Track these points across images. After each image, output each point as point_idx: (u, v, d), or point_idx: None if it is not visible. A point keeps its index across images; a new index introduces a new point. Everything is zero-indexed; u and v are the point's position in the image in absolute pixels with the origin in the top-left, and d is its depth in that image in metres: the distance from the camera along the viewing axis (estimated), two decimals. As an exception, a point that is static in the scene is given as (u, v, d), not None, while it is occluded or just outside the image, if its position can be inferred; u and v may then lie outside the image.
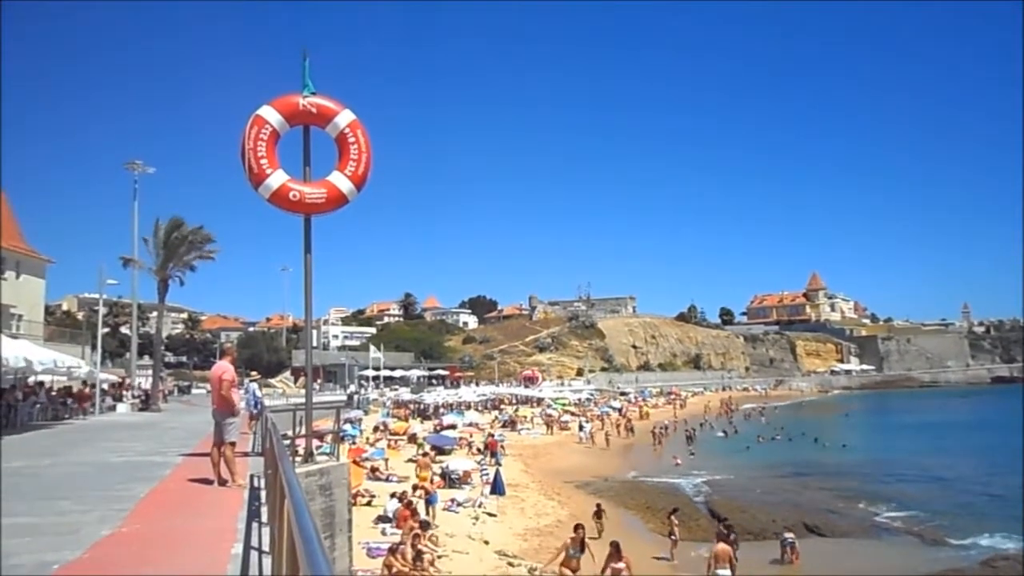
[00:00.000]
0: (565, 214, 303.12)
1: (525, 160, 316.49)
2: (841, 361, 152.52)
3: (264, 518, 7.17)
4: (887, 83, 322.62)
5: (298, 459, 10.61)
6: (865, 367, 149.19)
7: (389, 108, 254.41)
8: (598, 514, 21.82)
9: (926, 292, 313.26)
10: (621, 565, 15.42)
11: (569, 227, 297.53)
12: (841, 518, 25.40)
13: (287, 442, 11.03)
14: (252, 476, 10.28)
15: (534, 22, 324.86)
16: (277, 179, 10.54)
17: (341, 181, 10.85)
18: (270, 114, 10.53)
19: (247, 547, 6.11)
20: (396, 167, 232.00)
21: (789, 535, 20.00)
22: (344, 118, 10.89)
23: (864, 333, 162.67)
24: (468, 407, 59.26)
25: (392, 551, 14.53)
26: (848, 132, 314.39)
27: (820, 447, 47.78)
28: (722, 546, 16.97)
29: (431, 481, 25.18)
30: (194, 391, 55.87)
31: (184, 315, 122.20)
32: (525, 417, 57.72)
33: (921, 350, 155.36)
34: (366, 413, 50.81)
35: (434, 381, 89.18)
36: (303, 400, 12.34)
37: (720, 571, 16.41)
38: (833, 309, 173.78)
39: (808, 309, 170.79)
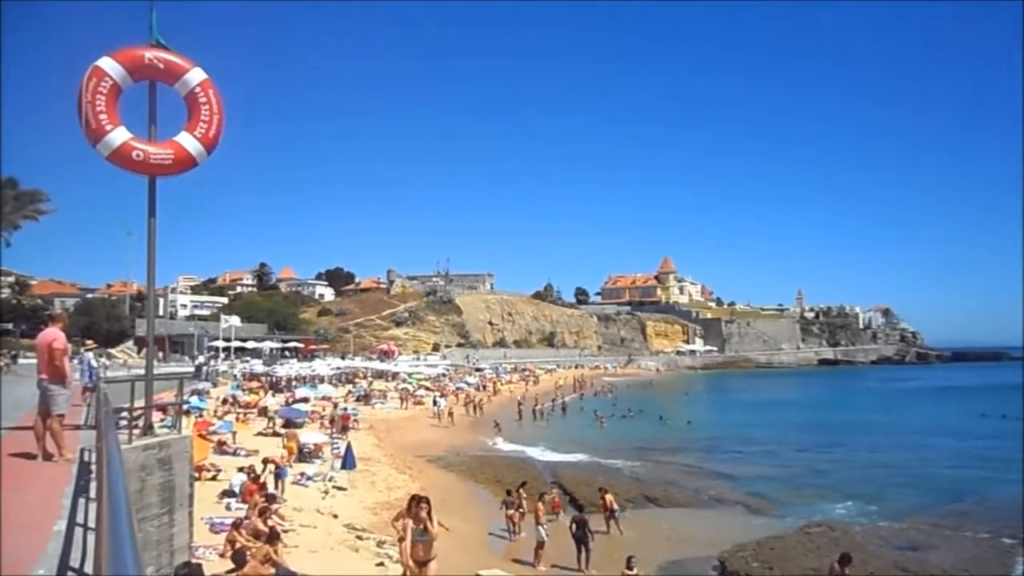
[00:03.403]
0: (425, 189, 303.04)
1: (385, 134, 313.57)
2: (687, 342, 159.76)
3: (93, 494, 6.81)
4: (741, 76, 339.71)
5: (136, 432, 10.09)
6: (709, 348, 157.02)
7: (245, 74, 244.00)
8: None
9: (766, 278, 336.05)
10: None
11: (429, 202, 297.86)
12: (679, 490, 26.84)
13: (124, 414, 10.47)
14: (83, 450, 9.73)
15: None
16: (119, 136, 9.84)
17: (189, 142, 10.25)
18: (110, 66, 9.77)
19: (71, 524, 5.79)
20: (253, 133, 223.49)
21: (617, 508, 20.88)
22: (195, 76, 10.26)
23: (709, 316, 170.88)
24: (322, 380, 58.29)
25: (236, 526, 14.17)
26: (699, 122, 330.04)
27: (664, 424, 50.12)
28: (541, 505, 17.83)
29: (286, 455, 24.72)
30: (21, 360, 51.76)
31: (11, 278, 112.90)
32: (380, 391, 57.41)
33: (759, 333, 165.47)
34: (215, 385, 49.11)
35: (287, 353, 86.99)
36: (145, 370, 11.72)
37: (540, 528, 17.40)
38: (682, 292, 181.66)
39: (659, 291, 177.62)
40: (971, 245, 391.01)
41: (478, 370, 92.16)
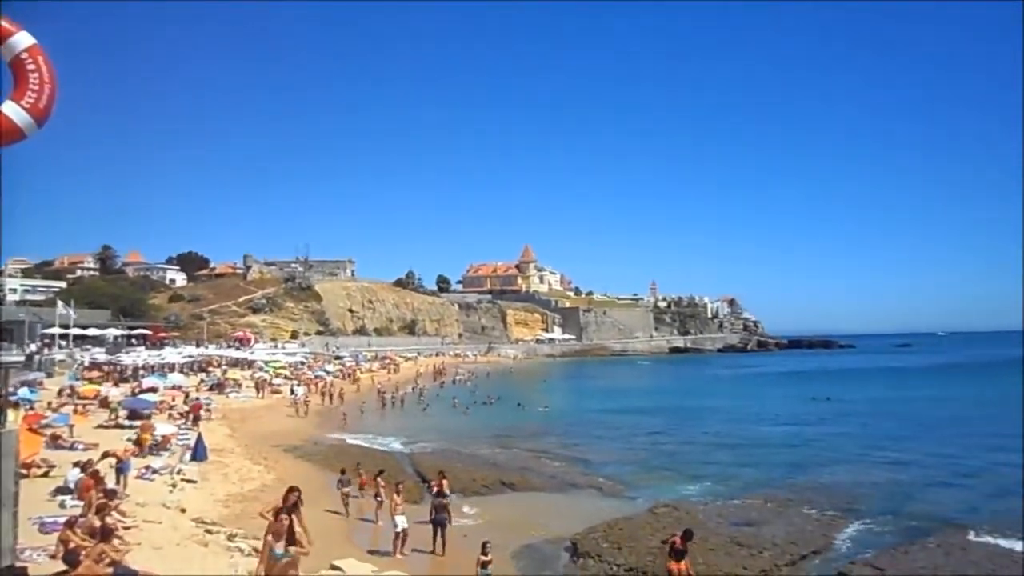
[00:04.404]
0: (284, 173, 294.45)
1: (240, 116, 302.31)
2: (546, 330, 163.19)
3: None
4: (604, 65, 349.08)
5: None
6: (567, 336, 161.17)
7: (83, 44, 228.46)
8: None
9: (622, 269, 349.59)
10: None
11: (288, 185, 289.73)
12: (535, 475, 27.45)
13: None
14: None
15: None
16: (-68, 103, 8.98)
17: (16, 112, 9.43)
18: (-81, 25, 8.88)
19: None
20: (95, 104, 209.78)
21: (447, 492, 20.92)
22: (21, 40, 9.41)
23: (568, 305, 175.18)
24: (172, 369, 55.76)
25: (70, 524, 13.31)
26: (556, 112, 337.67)
27: (522, 410, 51.07)
28: (396, 496, 17.78)
29: (131, 447, 23.54)
30: None
31: None
32: (235, 380, 55.48)
33: (615, 322, 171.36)
34: (50, 375, 46.15)
35: (134, 341, 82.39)
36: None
37: (397, 518, 17.34)
38: (542, 281, 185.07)
39: (519, 280, 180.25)
40: (806, 240, 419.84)
41: (338, 358, 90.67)
